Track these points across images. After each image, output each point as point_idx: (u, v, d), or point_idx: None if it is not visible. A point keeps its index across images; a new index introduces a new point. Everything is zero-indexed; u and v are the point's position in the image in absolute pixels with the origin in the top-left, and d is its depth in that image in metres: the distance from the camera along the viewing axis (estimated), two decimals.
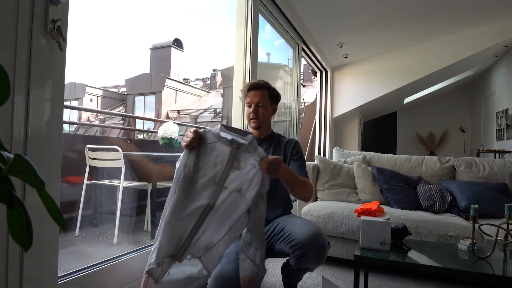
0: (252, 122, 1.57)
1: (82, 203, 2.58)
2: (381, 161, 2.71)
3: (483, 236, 1.78)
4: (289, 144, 1.60)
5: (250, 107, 1.55)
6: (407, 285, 1.85)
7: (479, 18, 3.77)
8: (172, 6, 31.37)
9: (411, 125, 8.71)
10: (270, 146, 1.59)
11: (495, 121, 6.04)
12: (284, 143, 1.61)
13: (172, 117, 14.46)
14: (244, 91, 1.59)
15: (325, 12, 3.21)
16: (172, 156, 2.93)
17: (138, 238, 2.76)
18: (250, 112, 1.55)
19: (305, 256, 1.29)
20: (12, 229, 0.37)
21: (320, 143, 5.20)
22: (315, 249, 1.29)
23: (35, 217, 0.90)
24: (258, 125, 1.58)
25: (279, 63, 3.84)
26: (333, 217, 2.11)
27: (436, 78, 5.28)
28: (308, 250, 1.28)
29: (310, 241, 1.29)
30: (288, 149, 1.58)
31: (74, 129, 11.34)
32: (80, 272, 1.11)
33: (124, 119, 12.66)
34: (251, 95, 1.55)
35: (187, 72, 21.39)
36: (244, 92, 1.59)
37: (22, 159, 0.34)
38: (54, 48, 0.96)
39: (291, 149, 1.58)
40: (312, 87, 11.38)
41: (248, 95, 1.56)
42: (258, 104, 1.55)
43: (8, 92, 0.38)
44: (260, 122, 1.57)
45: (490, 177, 2.40)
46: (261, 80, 1.61)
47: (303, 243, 1.28)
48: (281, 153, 1.57)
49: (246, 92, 1.57)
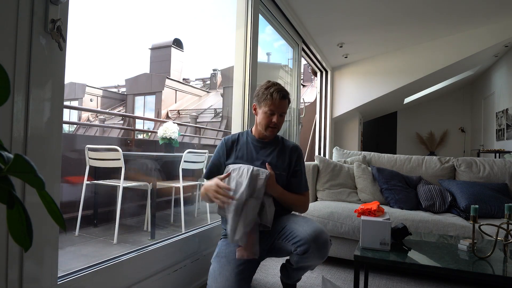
0: (271, 130, 1.50)
1: (82, 203, 2.58)
2: (381, 161, 2.71)
3: (483, 236, 1.78)
4: (294, 152, 1.58)
5: (272, 114, 1.48)
6: (407, 285, 1.84)
7: (479, 18, 3.77)
8: (172, 6, 31.35)
9: (411, 125, 8.71)
10: (274, 150, 1.56)
11: (495, 121, 6.04)
12: (289, 150, 1.58)
13: (172, 117, 14.47)
14: (270, 97, 1.46)
15: (325, 12, 3.21)
16: (172, 156, 2.93)
17: (138, 238, 2.76)
18: (274, 121, 1.48)
19: (308, 252, 1.30)
20: (12, 229, 0.37)
21: (320, 143, 5.20)
22: (318, 245, 1.31)
23: (35, 217, 0.90)
24: (276, 133, 1.55)
25: (279, 63, 3.84)
26: (333, 217, 2.10)
27: (436, 78, 5.28)
28: (311, 246, 1.29)
29: (313, 237, 1.30)
30: (293, 157, 1.57)
31: (74, 129, 11.34)
32: (80, 272, 1.11)
33: (124, 119, 12.66)
34: (278, 104, 1.46)
35: (187, 72, 21.40)
36: (269, 99, 1.46)
37: (22, 159, 0.34)
38: (54, 48, 0.96)
39: (295, 159, 1.57)
40: (312, 87, 11.38)
41: (274, 103, 1.45)
42: (282, 114, 1.50)
43: (8, 92, 0.37)
44: (278, 131, 1.54)
45: (490, 177, 2.40)
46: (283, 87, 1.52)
47: (306, 240, 1.30)
48: (285, 159, 1.55)
49: (273, 100, 1.45)
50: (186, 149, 2.92)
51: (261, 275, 1.91)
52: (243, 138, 1.60)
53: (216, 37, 33.01)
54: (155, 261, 1.44)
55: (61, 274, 1.04)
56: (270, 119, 1.48)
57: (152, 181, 2.70)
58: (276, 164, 1.51)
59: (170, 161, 3.11)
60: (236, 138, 1.60)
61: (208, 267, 1.45)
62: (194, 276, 1.70)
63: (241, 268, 1.36)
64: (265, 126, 1.50)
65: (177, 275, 1.57)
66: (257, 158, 1.52)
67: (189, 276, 1.67)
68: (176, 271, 1.56)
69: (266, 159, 1.52)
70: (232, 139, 1.59)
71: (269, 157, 1.53)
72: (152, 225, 2.69)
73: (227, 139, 1.59)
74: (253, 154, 1.53)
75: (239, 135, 1.62)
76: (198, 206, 3.85)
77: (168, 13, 33.34)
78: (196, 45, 38.78)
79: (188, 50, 21.77)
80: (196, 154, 3.03)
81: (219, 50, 29.15)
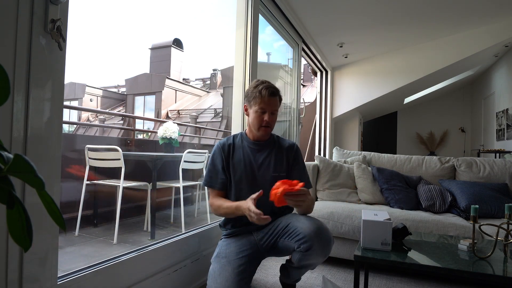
0: (263, 129, 1.48)
1: (82, 203, 2.58)
2: (381, 161, 2.71)
3: (483, 236, 1.78)
4: (291, 151, 1.57)
5: (263, 113, 1.45)
6: (407, 285, 1.84)
7: (479, 18, 3.77)
8: (172, 6, 31.36)
9: (411, 125, 8.71)
10: (271, 152, 1.54)
11: (495, 121, 6.04)
12: (285, 149, 1.56)
13: (172, 117, 14.47)
14: (259, 95, 1.44)
15: (325, 12, 3.21)
16: (172, 156, 2.93)
17: (138, 238, 2.76)
18: (265, 119, 1.45)
19: (311, 249, 1.30)
20: (12, 229, 0.37)
21: (320, 143, 5.20)
22: (321, 242, 1.31)
23: (35, 217, 0.90)
24: (269, 133, 1.53)
25: (279, 63, 3.84)
26: (333, 217, 2.10)
27: (436, 78, 5.28)
28: (315, 243, 1.30)
29: (317, 234, 1.31)
30: (290, 156, 1.55)
31: (74, 129, 11.35)
32: (80, 272, 1.11)
33: (124, 119, 12.67)
34: (268, 102, 1.44)
35: (187, 72, 21.40)
36: (258, 97, 1.44)
37: (22, 159, 0.34)
38: (54, 48, 0.96)
39: (293, 157, 1.56)
40: (312, 87, 11.38)
41: (263, 101, 1.43)
42: (273, 112, 1.48)
43: (8, 92, 0.37)
44: (271, 130, 1.52)
45: (491, 177, 2.40)
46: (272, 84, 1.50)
47: (310, 236, 1.30)
48: (283, 160, 1.54)
49: (262, 98, 1.44)
50: (186, 149, 2.92)
51: (261, 275, 1.91)
52: (238, 141, 1.56)
53: (216, 37, 33.02)
54: (155, 261, 1.44)
55: (61, 274, 1.04)
56: (261, 118, 1.46)
57: (152, 181, 2.70)
58: (275, 166, 1.50)
59: (170, 161, 3.11)
60: (231, 142, 1.55)
61: (208, 267, 1.45)
62: (194, 276, 1.70)
63: (241, 269, 1.35)
64: (257, 126, 1.48)
65: (177, 275, 1.57)
66: (256, 161, 1.51)
67: (189, 276, 1.67)
68: (176, 271, 1.56)
69: (264, 162, 1.51)
70: (228, 144, 1.55)
71: (266, 160, 1.52)
72: (152, 225, 2.69)
73: (223, 144, 1.54)
74: (251, 158, 1.51)
75: (233, 139, 1.58)
76: (198, 206, 3.85)
77: (168, 13, 33.36)
78: (196, 45, 38.80)
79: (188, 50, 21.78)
80: (196, 154, 3.03)
81: (219, 50, 29.16)
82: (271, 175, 1.49)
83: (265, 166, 1.51)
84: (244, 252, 1.42)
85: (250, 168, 1.49)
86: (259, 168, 1.50)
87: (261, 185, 1.46)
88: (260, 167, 1.50)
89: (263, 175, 1.50)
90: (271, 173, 1.49)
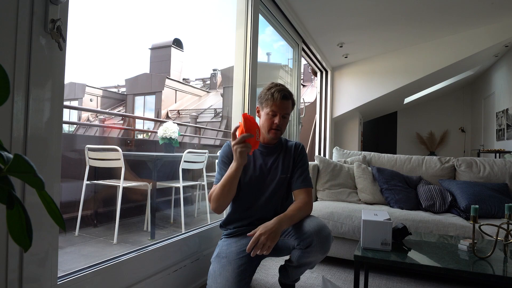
0: (273, 132, 1.46)
1: (82, 203, 2.57)
2: (381, 161, 2.71)
3: (483, 236, 1.78)
4: (296, 150, 1.56)
5: (274, 116, 1.44)
6: (407, 285, 1.84)
7: (479, 18, 3.77)
8: (172, 6, 31.38)
9: (411, 125, 8.71)
10: (279, 155, 1.54)
11: (495, 121, 6.04)
12: (292, 150, 1.56)
13: (172, 117, 14.47)
14: (271, 98, 1.43)
15: (325, 12, 3.21)
16: (172, 156, 2.92)
17: (138, 238, 2.76)
18: (276, 122, 1.44)
19: (311, 246, 1.31)
20: (12, 229, 0.37)
21: (320, 143, 5.20)
22: (321, 239, 1.32)
23: (35, 217, 0.90)
24: (279, 136, 1.51)
25: (279, 63, 3.84)
26: (333, 217, 2.10)
27: (436, 78, 5.28)
28: (315, 240, 1.31)
29: (316, 231, 1.32)
30: (296, 155, 1.55)
31: (74, 129, 11.34)
32: (80, 272, 1.11)
33: (124, 119, 12.66)
34: (279, 105, 1.42)
35: (187, 72, 21.41)
36: (270, 99, 1.43)
37: (22, 159, 0.34)
38: (54, 48, 0.96)
39: (298, 156, 1.56)
40: (312, 87, 11.39)
41: (275, 104, 1.42)
42: (285, 115, 1.46)
43: (8, 92, 0.37)
44: (281, 133, 1.51)
45: (491, 177, 2.40)
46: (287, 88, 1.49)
47: (310, 233, 1.31)
48: (290, 161, 1.54)
49: (274, 100, 1.42)
50: (186, 149, 2.92)
51: (261, 275, 1.91)
52: None
53: (216, 37, 33.03)
54: (155, 261, 1.44)
55: (61, 274, 1.04)
56: (272, 121, 1.45)
57: (152, 181, 2.70)
58: (282, 168, 1.52)
59: (170, 161, 3.11)
60: None
61: (208, 267, 1.45)
62: (194, 276, 1.70)
63: (242, 269, 1.35)
64: (267, 128, 1.47)
65: (177, 275, 1.57)
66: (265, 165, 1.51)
67: (189, 276, 1.67)
68: (176, 271, 1.56)
69: (273, 165, 1.51)
70: None
71: (275, 163, 1.53)
72: (152, 225, 2.69)
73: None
74: (261, 162, 1.52)
75: None
76: (198, 206, 3.85)
77: (168, 13, 33.37)
78: (196, 45, 38.81)
79: (188, 50, 21.79)
80: (196, 154, 3.03)
81: (219, 50, 29.17)
82: (279, 177, 1.50)
83: (274, 169, 1.52)
84: (245, 252, 1.41)
85: (260, 171, 1.50)
86: (269, 172, 1.51)
87: (269, 187, 1.49)
88: (269, 171, 1.51)
89: (272, 178, 1.51)
90: (279, 175, 1.51)
